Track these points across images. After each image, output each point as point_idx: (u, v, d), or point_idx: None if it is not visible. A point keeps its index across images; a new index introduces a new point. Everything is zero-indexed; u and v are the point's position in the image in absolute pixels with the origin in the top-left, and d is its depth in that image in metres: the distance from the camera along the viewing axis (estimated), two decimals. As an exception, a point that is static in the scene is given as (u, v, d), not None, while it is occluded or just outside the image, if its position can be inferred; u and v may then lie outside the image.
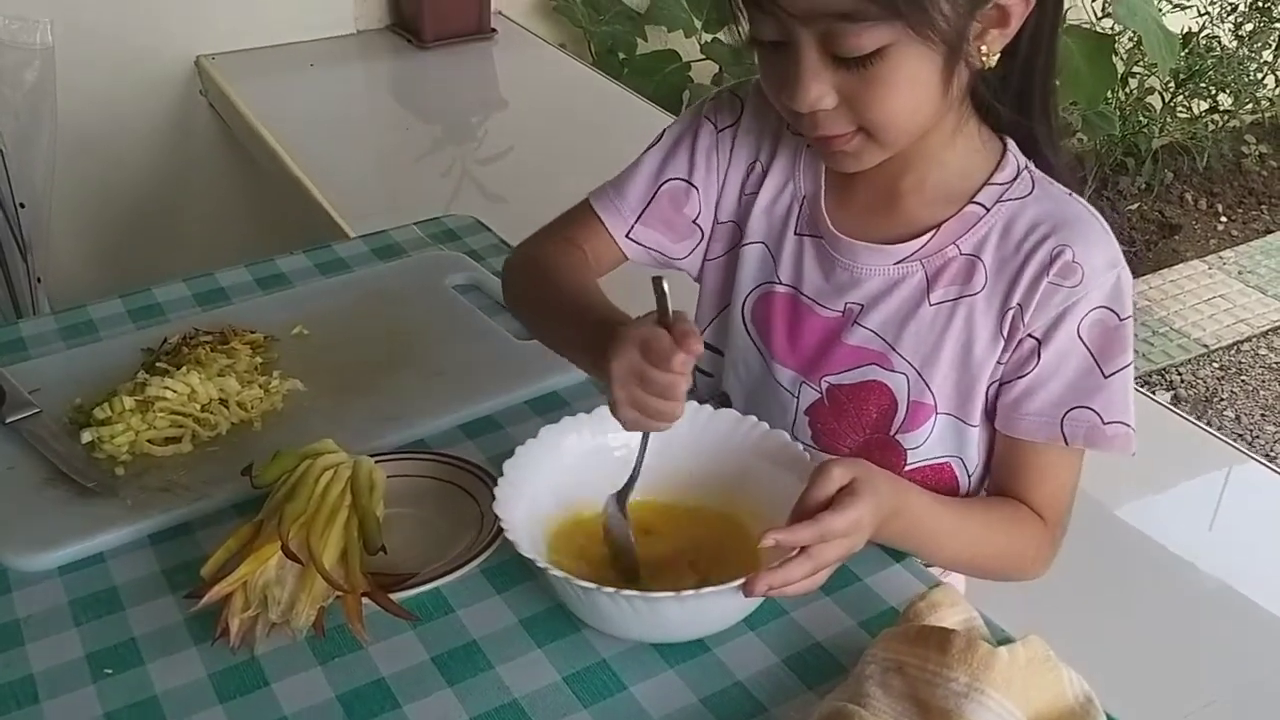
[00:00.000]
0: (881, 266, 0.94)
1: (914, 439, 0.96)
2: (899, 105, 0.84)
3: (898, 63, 0.81)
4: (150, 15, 2.49)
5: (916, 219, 0.94)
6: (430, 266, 1.31)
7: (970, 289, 0.92)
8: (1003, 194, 0.92)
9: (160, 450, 1.00)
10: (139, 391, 1.02)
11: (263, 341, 1.14)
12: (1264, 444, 2.81)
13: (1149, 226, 3.65)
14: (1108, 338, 0.90)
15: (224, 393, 1.04)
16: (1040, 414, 0.91)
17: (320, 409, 1.07)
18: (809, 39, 0.81)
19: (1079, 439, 0.90)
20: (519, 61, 2.78)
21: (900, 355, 0.94)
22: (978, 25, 0.83)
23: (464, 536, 0.92)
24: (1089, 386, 0.90)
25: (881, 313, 0.94)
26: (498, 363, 1.13)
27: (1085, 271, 0.88)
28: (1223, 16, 3.66)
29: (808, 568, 0.78)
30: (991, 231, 0.91)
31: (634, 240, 1.04)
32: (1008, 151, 0.93)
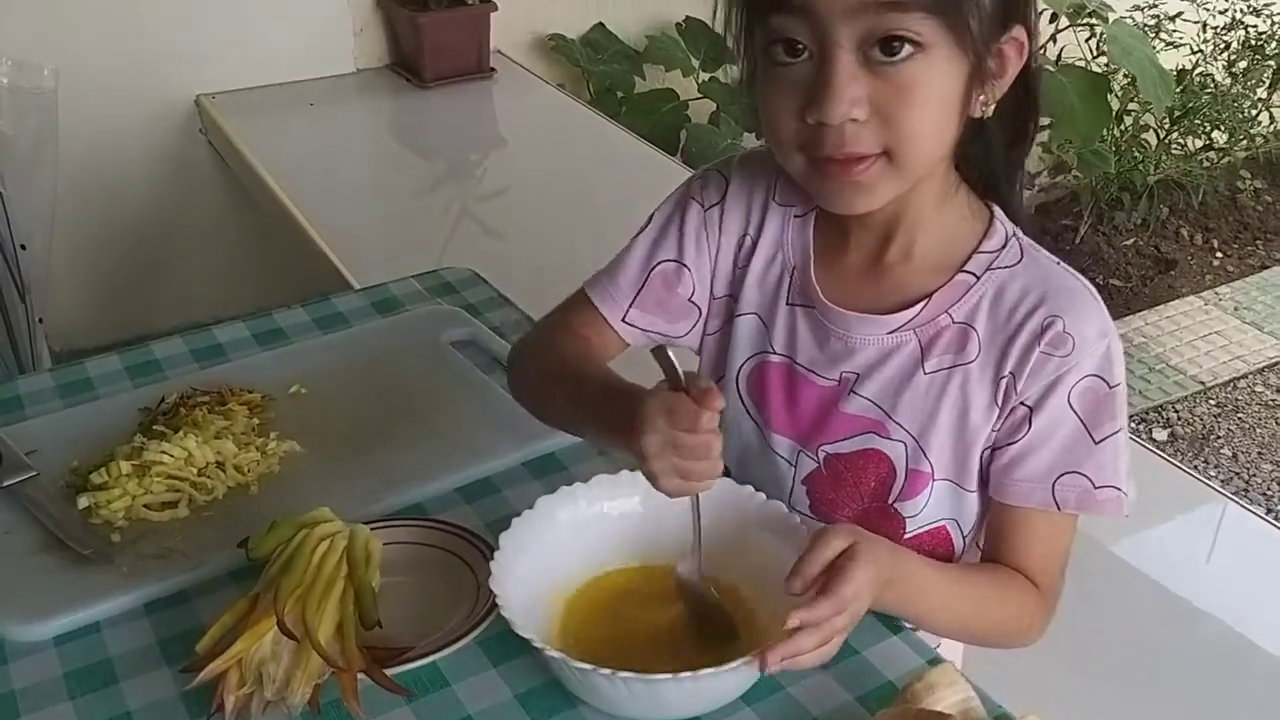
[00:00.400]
0: (875, 336, 0.95)
1: (912, 506, 0.96)
2: (929, 118, 0.85)
3: (932, 70, 0.82)
4: (150, 54, 2.51)
5: (907, 288, 0.94)
6: (428, 322, 1.31)
7: (964, 358, 0.93)
8: (992, 262, 0.93)
9: (157, 515, 1.00)
10: (136, 456, 1.02)
11: (260, 401, 1.15)
12: (1261, 482, 2.81)
13: (1145, 262, 3.66)
14: (1098, 405, 0.90)
15: (221, 456, 1.05)
16: (1032, 480, 0.92)
17: (317, 472, 1.07)
18: (846, 39, 0.81)
19: (1070, 504, 0.91)
20: (518, 100, 2.80)
21: (898, 424, 0.95)
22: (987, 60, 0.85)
23: (460, 607, 0.92)
24: (1080, 453, 0.91)
25: (877, 382, 0.95)
26: (495, 423, 1.13)
27: (1076, 342, 0.89)
28: (1216, 54, 3.68)
29: (817, 638, 0.79)
30: (983, 300, 0.92)
31: (630, 324, 1.04)
32: (995, 219, 0.95)
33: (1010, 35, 0.86)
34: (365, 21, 2.75)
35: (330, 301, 1.37)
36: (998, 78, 0.87)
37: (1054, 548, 0.95)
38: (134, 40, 2.48)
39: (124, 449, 1.04)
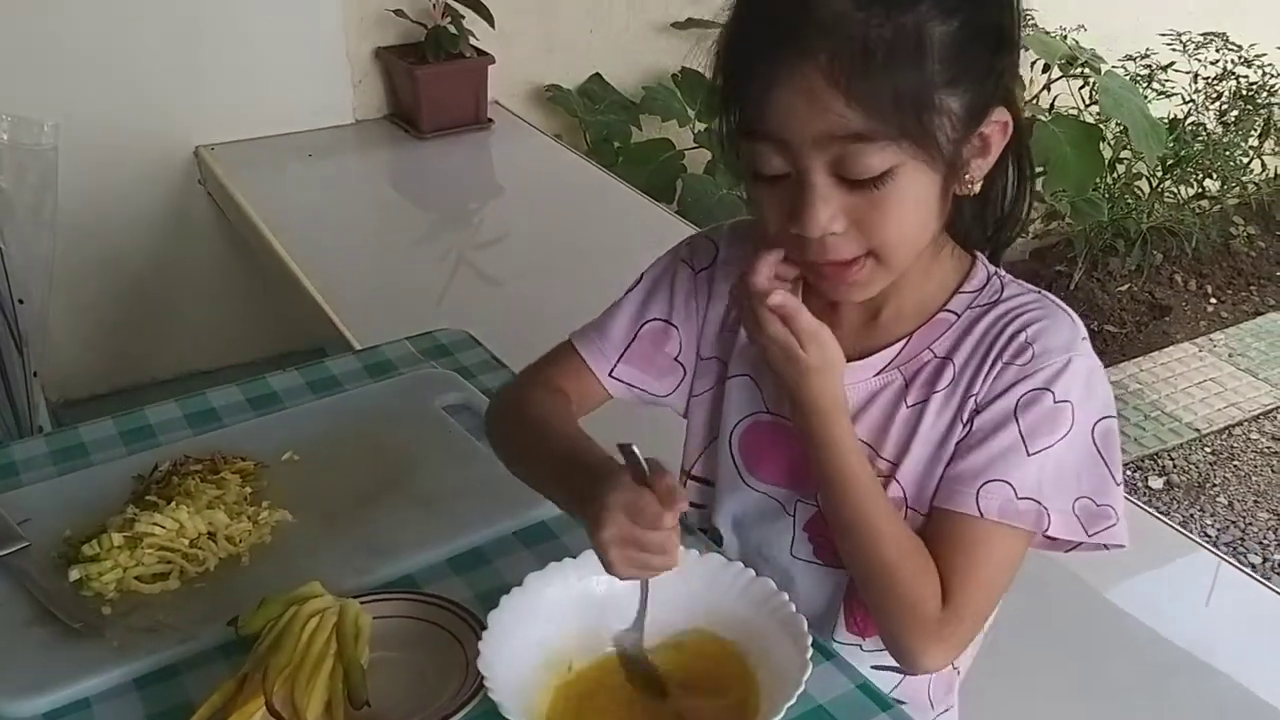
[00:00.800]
0: (863, 381, 0.98)
1: None
2: (907, 225, 0.87)
3: (905, 183, 0.84)
4: (150, 106, 2.53)
5: (891, 332, 0.98)
6: (421, 387, 1.32)
7: (939, 387, 0.95)
8: (972, 300, 0.97)
9: (148, 588, 1.01)
10: (128, 527, 1.03)
11: (253, 469, 1.15)
12: (1257, 531, 2.81)
13: (1139, 308, 3.68)
14: (1040, 417, 0.91)
15: (212, 526, 1.05)
16: (960, 480, 0.92)
17: (308, 542, 1.08)
18: (819, 164, 0.84)
19: (993, 511, 0.90)
20: (515, 151, 2.82)
21: (882, 458, 0.97)
22: (966, 152, 0.87)
23: (450, 684, 0.92)
24: (1011, 461, 0.91)
25: (865, 422, 0.98)
26: (486, 491, 1.14)
27: (1036, 352, 0.91)
28: (1207, 104, 3.72)
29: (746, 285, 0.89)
30: (963, 334, 0.96)
31: (616, 379, 1.07)
32: (976, 262, 0.98)
33: (990, 120, 0.87)
34: (364, 73, 2.78)
35: (324, 364, 1.38)
36: (982, 157, 0.89)
37: (975, 561, 0.92)
38: (133, 92, 2.50)
39: (116, 520, 1.05)
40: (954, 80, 0.83)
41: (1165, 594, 1.78)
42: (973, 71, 0.84)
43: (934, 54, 0.81)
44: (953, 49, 0.82)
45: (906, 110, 0.81)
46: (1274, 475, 2.98)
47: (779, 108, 0.83)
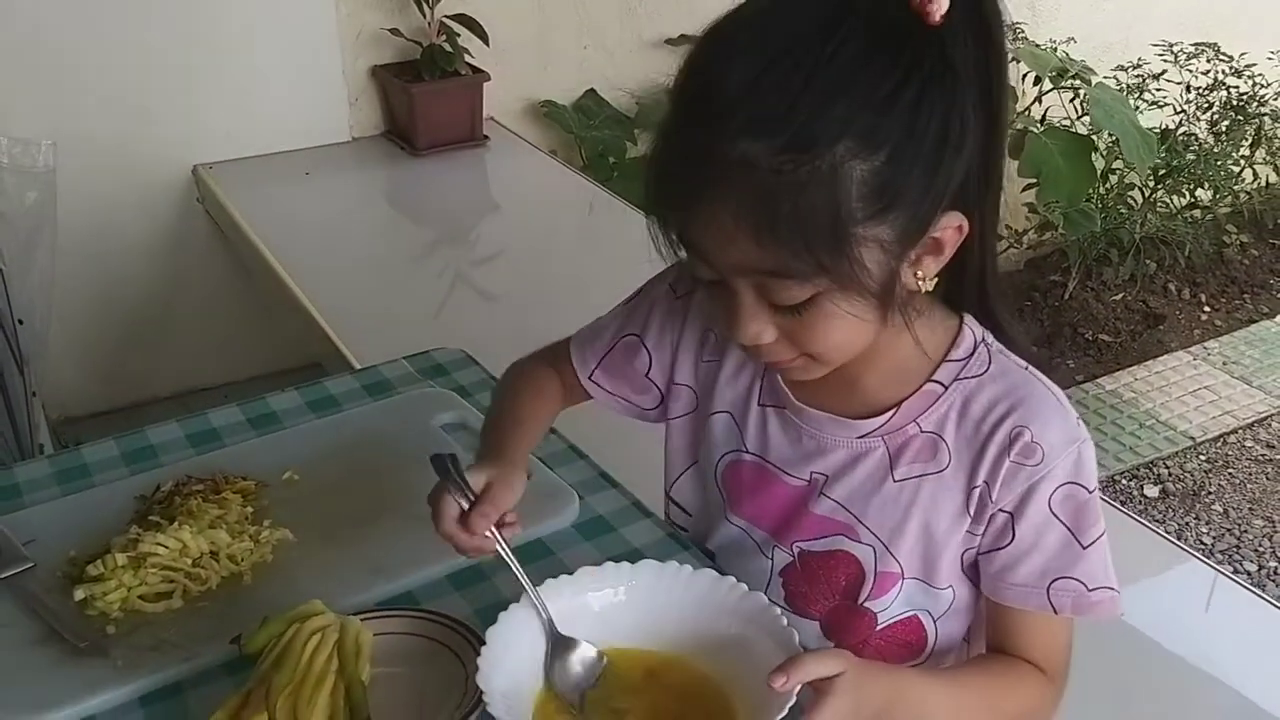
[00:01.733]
0: (845, 439, 0.97)
1: (881, 604, 0.99)
2: (837, 339, 0.87)
3: (830, 309, 0.84)
4: (147, 126, 2.55)
5: (875, 397, 0.96)
6: (419, 406, 1.33)
7: (934, 467, 0.95)
8: (960, 371, 0.95)
9: (151, 607, 1.02)
10: (131, 547, 1.04)
11: (254, 489, 1.17)
12: (1252, 539, 2.82)
13: (1133, 317, 3.69)
14: (1079, 511, 0.92)
15: (215, 545, 1.07)
16: (1027, 585, 0.94)
17: (309, 560, 1.09)
18: (744, 285, 0.84)
19: (1067, 608, 0.93)
20: (511, 167, 2.84)
21: (867, 528, 0.97)
22: (911, 256, 0.85)
23: (450, 699, 0.93)
24: (1070, 558, 0.93)
25: (846, 486, 0.97)
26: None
27: (1045, 450, 0.91)
28: (1199, 114, 3.74)
29: None
30: (951, 410, 0.94)
31: (595, 383, 1.11)
32: (963, 325, 0.96)
33: (941, 225, 0.84)
34: (360, 91, 2.80)
35: (323, 385, 1.40)
36: (934, 256, 0.86)
37: (1056, 636, 0.96)
38: (131, 112, 2.52)
39: (119, 540, 1.06)
40: (881, 212, 0.80)
41: (1163, 605, 1.79)
42: (906, 197, 0.80)
43: (853, 193, 0.78)
44: (877, 184, 0.78)
45: (821, 250, 0.79)
46: (1269, 483, 2.99)
47: (698, 236, 0.83)
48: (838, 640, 1.01)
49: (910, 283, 0.86)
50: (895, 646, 1.01)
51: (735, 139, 0.77)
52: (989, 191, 0.87)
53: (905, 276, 0.85)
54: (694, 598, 0.95)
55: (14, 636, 1.00)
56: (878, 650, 1.00)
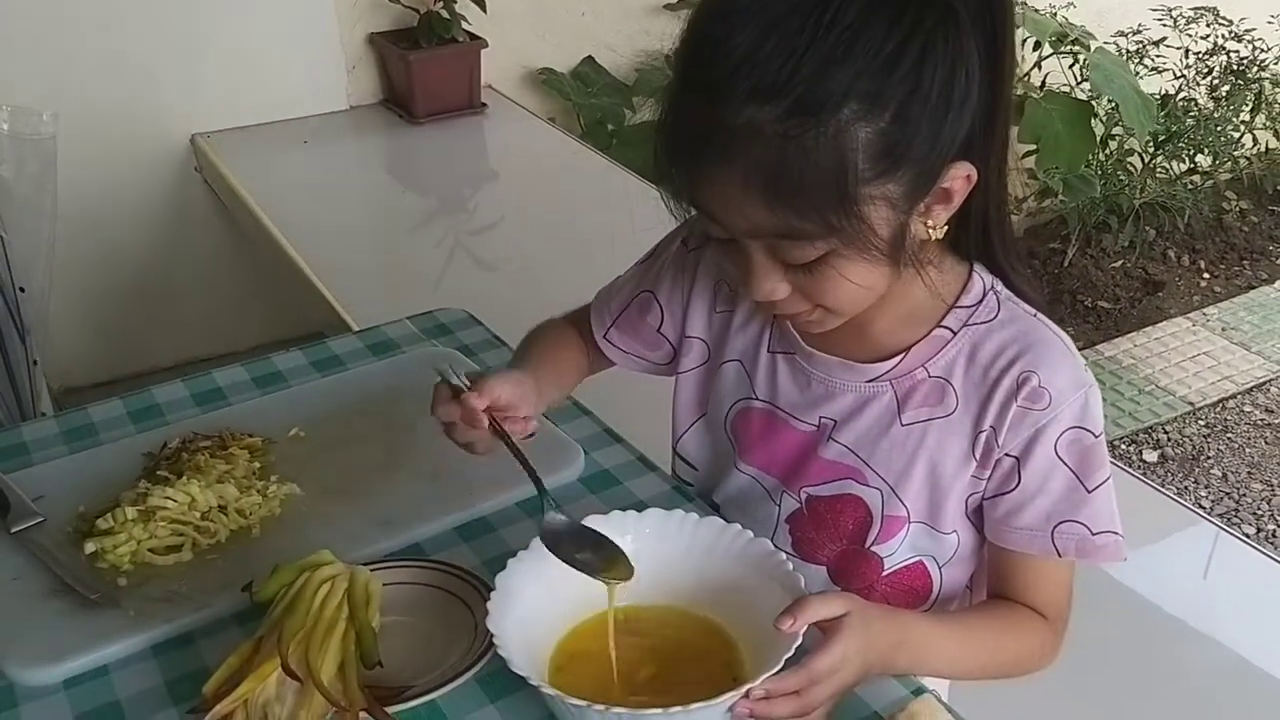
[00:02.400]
0: (854, 383, 0.98)
1: (888, 548, 0.99)
2: (850, 292, 0.88)
3: (842, 264, 0.84)
4: (146, 95, 2.55)
5: (884, 341, 0.97)
6: (423, 363, 1.33)
7: (941, 411, 0.95)
8: (969, 318, 0.95)
9: (161, 559, 1.03)
10: (141, 501, 1.05)
11: (260, 445, 1.17)
12: (1251, 502, 2.83)
13: (1132, 284, 3.70)
14: (1085, 455, 0.93)
15: (223, 500, 1.07)
16: (1031, 528, 0.94)
17: (317, 513, 1.10)
18: (755, 246, 0.85)
19: (1070, 551, 0.94)
20: (509, 134, 2.84)
21: (875, 471, 0.98)
22: (921, 207, 0.85)
23: (459, 644, 0.94)
24: (1075, 502, 0.93)
25: (855, 430, 0.98)
26: (490, 463, 1.15)
27: (1053, 395, 0.92)
28: (1199, 79, 3.73)
29: (794, 707, 0.81)
30: (959, 355, 0.95)
31: (610, 342, 1.12)
32: (973, 273, 0.96)
33: (951, 175, 0.84)
34: (357, 59, 2.79)
35: (327, 344, 1.40)
36: (944, 205, 0.87)
37: (1058, 583, 0.98)
38: (129, 81, 2.51)
39: (129, 494, 1.07)
40: (889, 170, 0.80)
41: (1163, 566, 1.80)
42: (913, 154, 0.80)
43: (860, 154, 0.78)
44: (884, 145, 0.79)
45: (830, 211, 0.80)
46: (1267, 447, 3.00)
47: (706, 203, 0.84)
48: (844, 585, 1.02)
49: (920, 232, 0.87)
50: (901, 593, 1.01)
51: (740, 105, 0.78)
52: (994, 138, 0.87)
53: (915, 226, 0.86)
54: (700, 545, 0.95)
55: (27, 589, 1.00)
56: (884, 596, 1.01)
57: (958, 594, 1.05)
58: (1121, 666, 1.56)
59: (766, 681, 0.81)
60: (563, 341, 1.14)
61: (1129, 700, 1.51)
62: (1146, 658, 1.61)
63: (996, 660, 0.96)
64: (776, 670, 0.81)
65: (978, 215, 0.92)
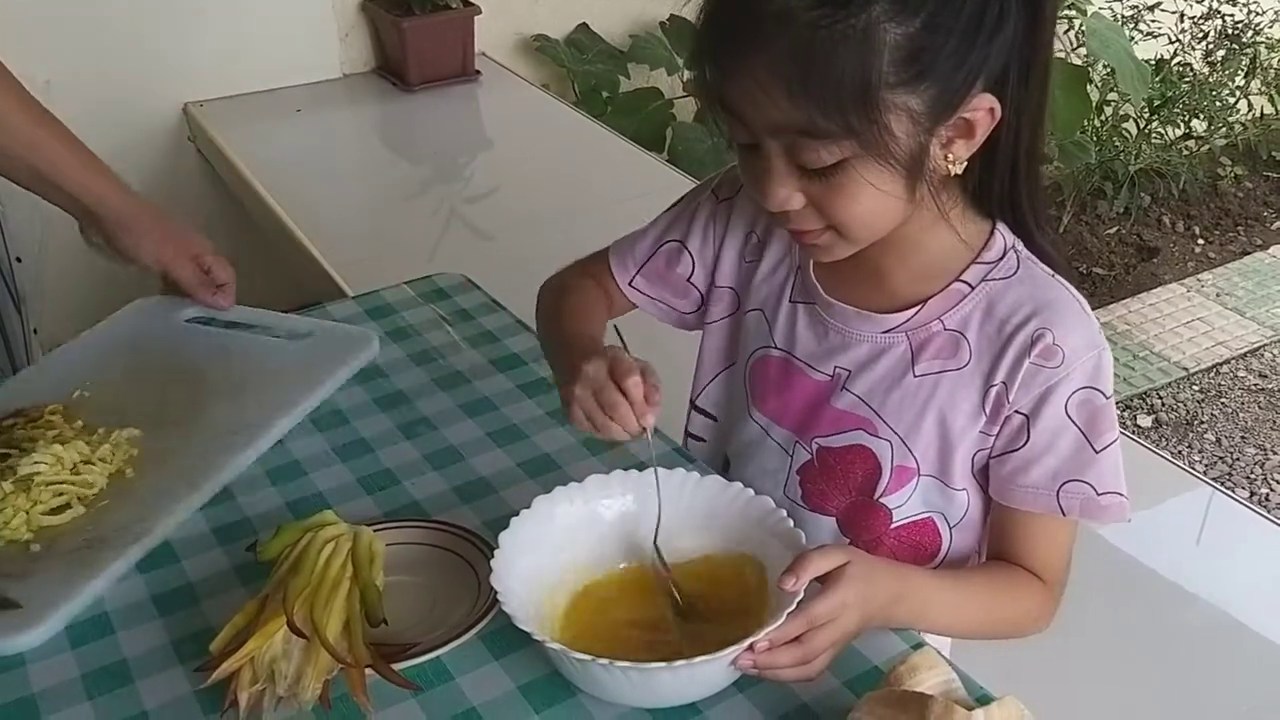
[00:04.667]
0: (870, 333, 0.98)
1: (897, 500, 1.00)
2: (862, 210, 0.88)
3: (859, 174, 0.85)
4: (138, 63, 2.53)
5: (902, 293, 0.98)
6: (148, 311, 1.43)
7: (955, 364, 0.96)
8: (988, 273, 0.96)
9: (59, 519, 1.03)
10: (10, 474, 1.04)
11: (61, 408, 1.16)
12: (1244, 466, 2.85)
13: (1127, 250, 3.70)
14: (1095, 415, 0.93)
15: (82, 454, 1.08)
16: (1037, 486, 0.95)
17: (168, 448, 1.12)
18: (775, 148, 0.86)
19: (1075, 510, 0.95)
20: (503, 102, 2.83)
21: (885, 422, 0.98)
22: (943, 135, 0.86)
23: (462, 603, 0.95)
24: (1082, 461, 0.94)
25: (868, 380, 0.99)
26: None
27: (1066, 353, 0.92)
28: (1194, 44, 3.72)
29: (796, 654, 0.82)
30: (975, 309, 0.95)
31: (636, 289, 1.13)
32: (996, 231, 0.97)
33: (972, 106, 0.85)
34: (350, 27, 2.77)
35: (326, 309, 1.40)
36: (965, 139, 0.87)
37: (1058, 545, 0.98)
38: (122, 50, 2.50)
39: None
40: (913, 80, 0.81)
41: (1161, 529, 1.81)
42: (938, 69, 0.81)
43: (885, 56, 0.79)
44: (910, 50, 0.80)
45: (850, 112, 0.80)
46: (1260, 411, 3.02)
47: (735, 93, 0.85)
48: (853, 537, 1.03)
49: (941, 166, 0.87)
50: (908, 548, 1.02)
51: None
52: (1029, 87, 0.87)
53: (936, 157, 0.86)
54: (701, 503, 0.96)
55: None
56: (891, 550, 1.02)
57: (966, 561, 1.05)
58: (1116, 629, 1.57)
59: (771, 631, 0.81)
60: (591, 310, 1.13)
61: (1123, 662, 1.53)
62: (1140, 620, 1.62)
63: (992, 619, 0.98)
64: (778, 625, 0.82)
65: (1005, 165, 0.92)
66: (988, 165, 0.91)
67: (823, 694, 0.87)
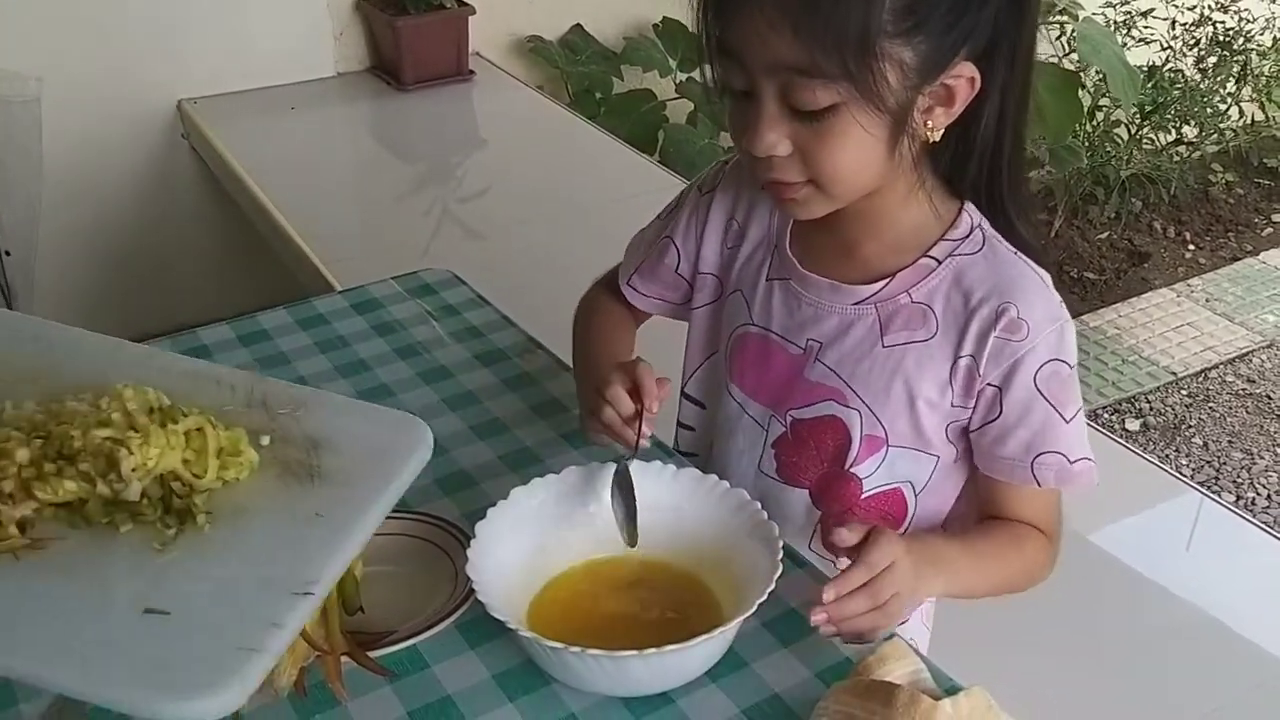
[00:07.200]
0: (840, 305, 1.02)
1: (866, 469, 1.03)
2: (845, 161, 0.91)
3: (847, 121, 0.88)
4: (132, 60, 2.54)
5: (873, 267, 1.01)
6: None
7: (922, 335, 0.99)
8: (954, 249, 0.99)
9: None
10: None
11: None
12: (1231, 470, 2.86)
13: (1118, 255, 3.72)
14: (1062, 387, 0.97)
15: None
16: (1012, 458, 0.99)
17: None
18: (769, 90, 0.89)
19: (1050, 481, 0.99)
20: (497, 102, 2.83)
21: (854, 392, 1.01)
22: (925, 100, 0.90)
23: (439, 593, 0.96)
24: (1053, 432, 0.98)
25: (838, 351, 1.02)
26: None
27: (1030, 327, 0.96)
28: (1185, 50, 3.74)
29: (867, 600, 0.85)
30: (942, 283, 0.99)
31: (633, 288, 1.17)
32: (963, 210, 1.00)
33: (954, 73, 0.89)
34: (345, 25, 2.78)
35: (312, 303, 1.41)
36: (945, 106, 0.91)
37: (1047, 505, 1.03)
38: (116, 46, 2.50)
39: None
40: (908, 32, 0.85)
41: (1149, 535, 1.82)
42: (931, 25, 0.86)
43: (886, 4, 0.84)
44: (909, 2, 0.84)
45: (848, 54, 0.84)
46: (1248, 416, 3.03)
47: (739, 29, 0.88)
48: (825, 508, 1.06)
49: (920, 131, 0.91)
50: (878, 518, 1.05)
51: None
52: (1014, 73, 0.92)
53: (917, 123, 0.90)
54: (678, 495, 0.97)
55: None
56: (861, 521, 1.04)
57: (933, 526, 1.08)
58: (1104, 633, 1.58)
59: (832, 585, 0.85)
60: (618, 324, 1.19)
61: (1112, 665, 1.54)
62: (1130, 625, 1.63)
63: (1005, 575, 1.01)
64: (749, 614, 0.84)
65: (985, 148, 0.96)
66: (964, 146, 0.95)
67: (793, 684, 0.89)
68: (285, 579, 0.73)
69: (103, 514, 0.79)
